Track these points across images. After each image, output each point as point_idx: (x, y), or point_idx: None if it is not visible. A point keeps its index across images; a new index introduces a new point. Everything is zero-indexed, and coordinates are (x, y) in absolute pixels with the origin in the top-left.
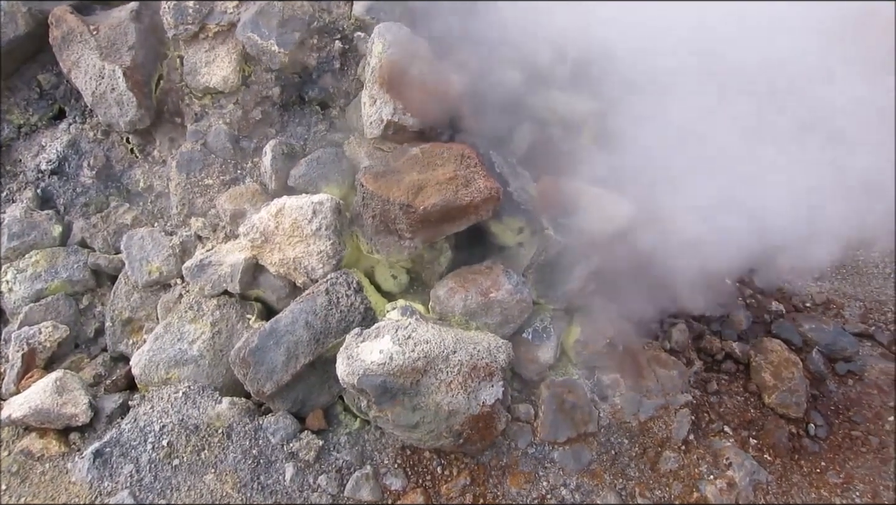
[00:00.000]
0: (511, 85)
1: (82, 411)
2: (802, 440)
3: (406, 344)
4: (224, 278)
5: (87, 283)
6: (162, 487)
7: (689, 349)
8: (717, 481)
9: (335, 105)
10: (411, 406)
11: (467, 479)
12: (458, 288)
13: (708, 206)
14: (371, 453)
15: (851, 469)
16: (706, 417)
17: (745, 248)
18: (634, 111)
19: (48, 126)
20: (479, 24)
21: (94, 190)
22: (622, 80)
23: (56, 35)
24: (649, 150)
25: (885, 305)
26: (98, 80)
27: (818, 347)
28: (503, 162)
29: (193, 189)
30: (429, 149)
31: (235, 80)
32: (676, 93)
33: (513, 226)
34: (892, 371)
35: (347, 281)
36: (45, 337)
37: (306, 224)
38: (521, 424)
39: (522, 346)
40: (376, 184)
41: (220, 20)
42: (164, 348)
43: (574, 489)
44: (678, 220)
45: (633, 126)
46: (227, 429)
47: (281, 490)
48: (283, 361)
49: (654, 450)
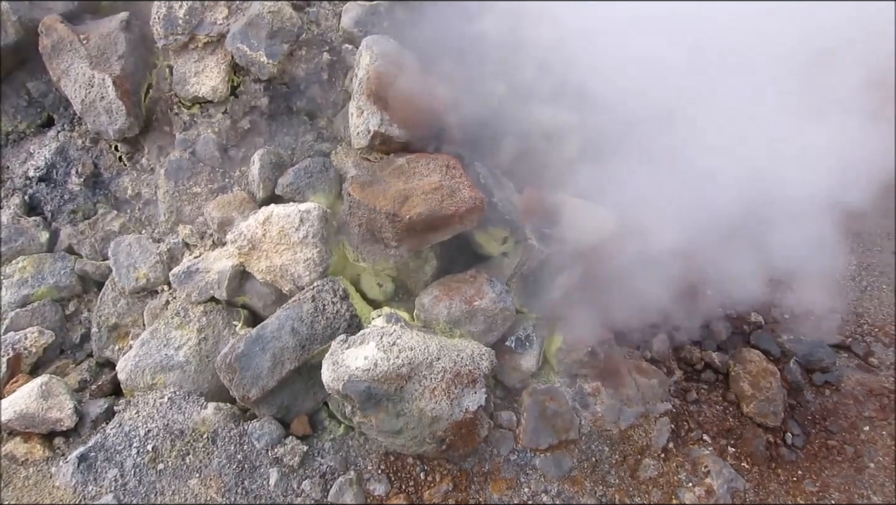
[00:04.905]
0: (496, 97)
1: (67, 416)
2: (780, 449)
3: (391, 351)
4: (211, 285)
5: (73, 289)
6: (146, 492)
7: (670, 359)
8: (696, 489)
9: (323, 115)
10: (395, 412)
11: (450, 485)
12: (442, 296)
13: (687, 216)
14: (355, 459)
15: (827, 478)
16: (686, 425)
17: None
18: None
19: (36, 133)
20: (465, 36)
21: (81, 197)
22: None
23: (46, 44)
24: (631, 163)
25: (861, 317)
26: (87, 89)
27: (796, 358)
28: (488, 173)
29: (181, 197)
30: (415, 159)
31: (224, 90)
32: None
33: (497, 235)
34: (868, 382)
35: (333, 288)
36: (30, 342)
37: (293, 232)
38: (503, 431)
39: (505, 353)
40: (363, 193)
41: (210, 31)
42: (150, 354)
43: (555, 496)
44: (658, 231)
45: (615, 139)
46: (212, 434)
47: (265, 495)
48: (269, 366)
49: (634, 457)
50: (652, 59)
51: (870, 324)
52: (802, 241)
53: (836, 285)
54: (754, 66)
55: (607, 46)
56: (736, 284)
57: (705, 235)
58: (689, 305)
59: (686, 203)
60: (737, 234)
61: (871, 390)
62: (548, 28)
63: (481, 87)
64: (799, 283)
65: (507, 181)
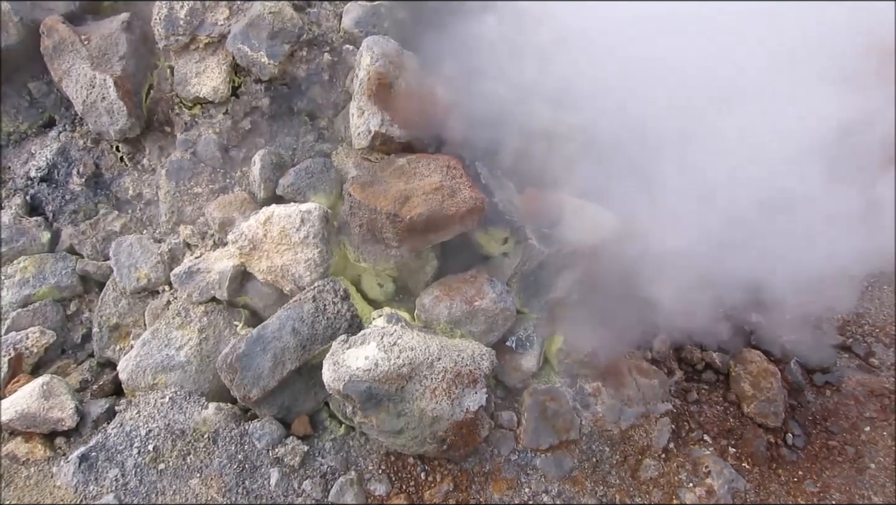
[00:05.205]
0: (497, 98)
1: (68, 416)
2: (780, 449)
3: (391, 351)
4: (212, 285)
5: (74, 289)
6: (147, 492)
7: (670, 359)
8: (697, 489)
9: (324, 116)
10: (396, 412)
11: (450, 485)
12: (443, 296)
13: (691, 219)
14: (356, 459)
15: (828, 478)
16: (686, 425)
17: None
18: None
19: (38, 134)
20: (465, 36)
21: (83, 197)
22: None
23: (47, 44)
24: (632, 163)
25: (862, 317)
26: (89, 89)
27: (797, 359)
28: (488, 173)
29: (182, 197)
30: (415, 160)
31: (225, 91)
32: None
33: (497, 236)
34: (869, 383)
35: (334, 288)
36: (32, 342)
37: (294, 232)
38: (504, 431)
39: (506, 354)
40: (364, 193)
41: (211, 31)
42: (151, 354)
43: (556, 496)
44: (659, 231)
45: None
46: (213, 434)
47: (266, 495)
48: (270, 366)
49: (634, 458)
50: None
51: (871, 324)
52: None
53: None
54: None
55: (608, 47)
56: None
57: (706, 235)
58: (690, 305)
59: (686, 203)
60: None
61: (872, 391)
62: (548, 28)
63: (482, 88)
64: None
65: (507, 181)
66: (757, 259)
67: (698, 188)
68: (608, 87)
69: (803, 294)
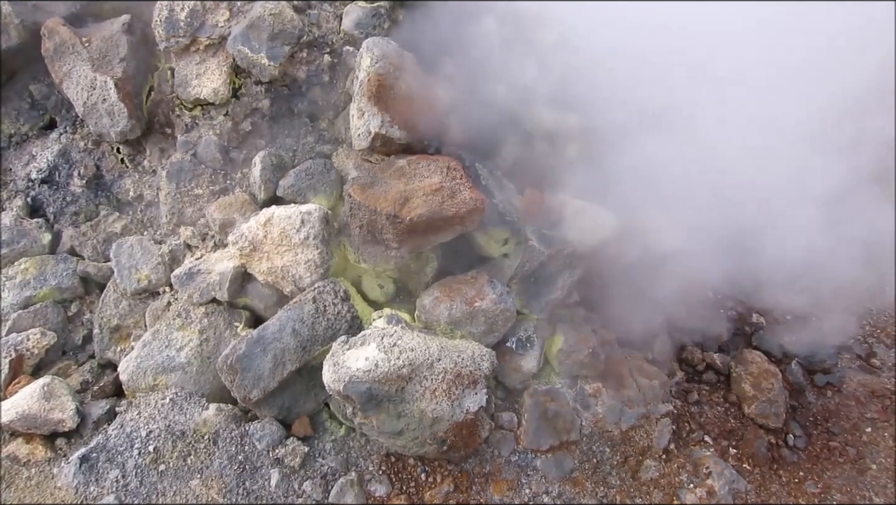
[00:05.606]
0: (497, 98)
1: (69, 417)
2: (781, 450)
3: (391, 351)
4: (212, 286)
5: (75, 290)
6: (148, 493)
7: (671, 360)
8: (697, 490)
9: (324, 117)
10: (396, 413)
11: (451, 486)
12: (443, 297)
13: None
14: (356, 460)
15: (829, 479)
16: (687, 426)
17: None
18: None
19: (39, 136)
20: (465, 37)
21: (83, 199)
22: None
23: (48, 46)
24: (633, 165)
25: (863, 318)
26: (90, 91)
27: (798, 359)
28: (488, 174)
29: (183, 199)
30: (415, 161)
31: (225, 92)
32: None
33: (498, 237)
34: (870, 383)
35: (335, 290)
36: (32, 344)
37: (294, 233)
38: (504, 432)
39: (506, 354)
40: (364, 194)
41: (211, 33)
42: (151, 355)
43: (556, 497)
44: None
45: (618, 141)
46: (213, 435)
47: (266, 496)
48: (270, 367)
49: (635, 458)
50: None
51: (872, 325)
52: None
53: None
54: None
55: (608, 47)
56: (736, 285)
57: (706, 236)
58: (691, 306)
59: (686, 204)
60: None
61: (873, 392)
62: (548, 29)
63: (482, 89)
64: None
65: (507, 182)
66: (757, 259)
67: (698, 188)
68: (608, 88)
69: (803, 294)
